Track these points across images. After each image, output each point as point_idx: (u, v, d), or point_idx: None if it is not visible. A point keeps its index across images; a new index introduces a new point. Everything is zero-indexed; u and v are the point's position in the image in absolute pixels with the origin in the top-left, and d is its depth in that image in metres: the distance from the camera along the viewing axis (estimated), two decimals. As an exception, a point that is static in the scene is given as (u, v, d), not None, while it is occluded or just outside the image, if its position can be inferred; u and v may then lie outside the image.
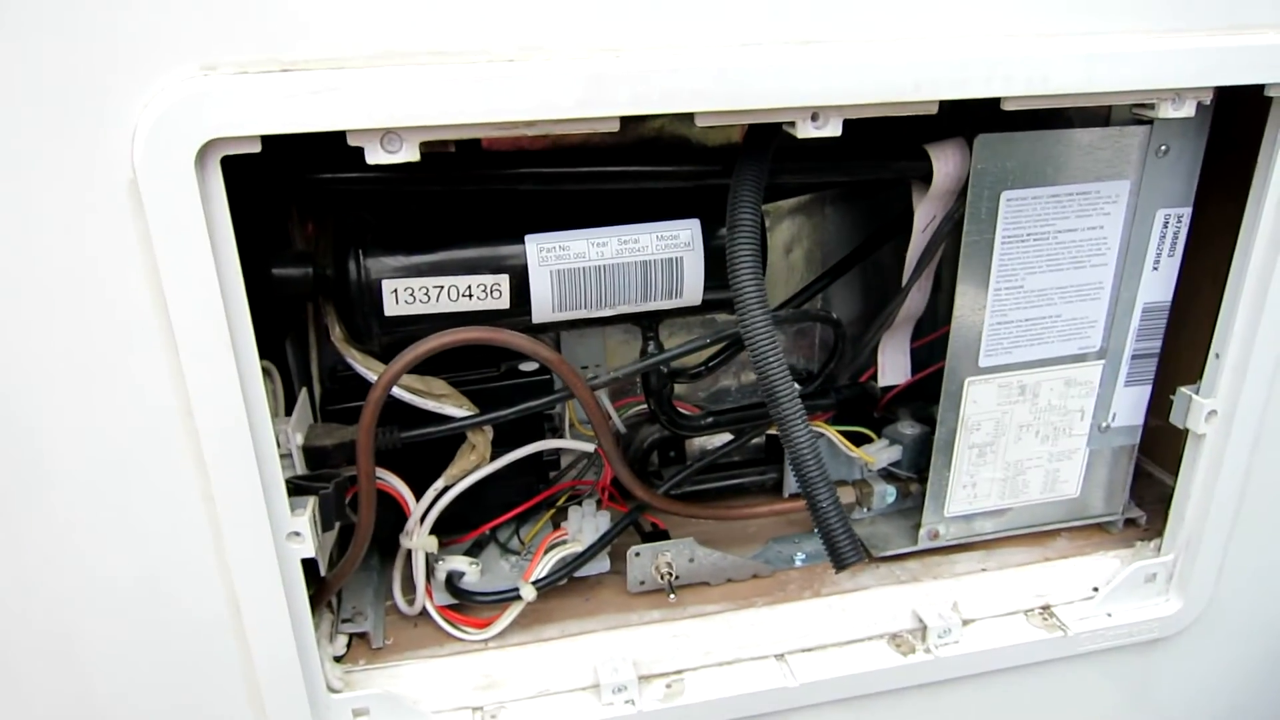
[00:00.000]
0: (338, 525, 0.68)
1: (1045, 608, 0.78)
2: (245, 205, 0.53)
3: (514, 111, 0.49)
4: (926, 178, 0.68)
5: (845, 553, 0.57)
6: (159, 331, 0.51)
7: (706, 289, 0.68)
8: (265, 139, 0.49)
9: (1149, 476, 0.88)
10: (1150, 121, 0.66)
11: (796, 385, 0.58)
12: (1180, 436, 0.75)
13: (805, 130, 0.55)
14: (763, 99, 0.52)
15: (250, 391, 0.53)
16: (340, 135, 0.49)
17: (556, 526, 0.75)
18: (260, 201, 0.65)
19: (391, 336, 0.64)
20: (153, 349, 0.52)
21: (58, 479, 0.54)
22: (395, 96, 0.48)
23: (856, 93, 0.53)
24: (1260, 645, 0.87)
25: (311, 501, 0.58)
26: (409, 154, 0.50)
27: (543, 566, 0.70)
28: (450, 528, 0.73)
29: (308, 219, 0.69)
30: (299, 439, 0.62)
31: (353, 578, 0.74)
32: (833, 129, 0.55)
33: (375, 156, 0.50)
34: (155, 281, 0.50)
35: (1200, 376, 0.72)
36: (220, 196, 0.49)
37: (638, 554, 0.73)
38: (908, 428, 0.81)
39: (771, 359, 0.56)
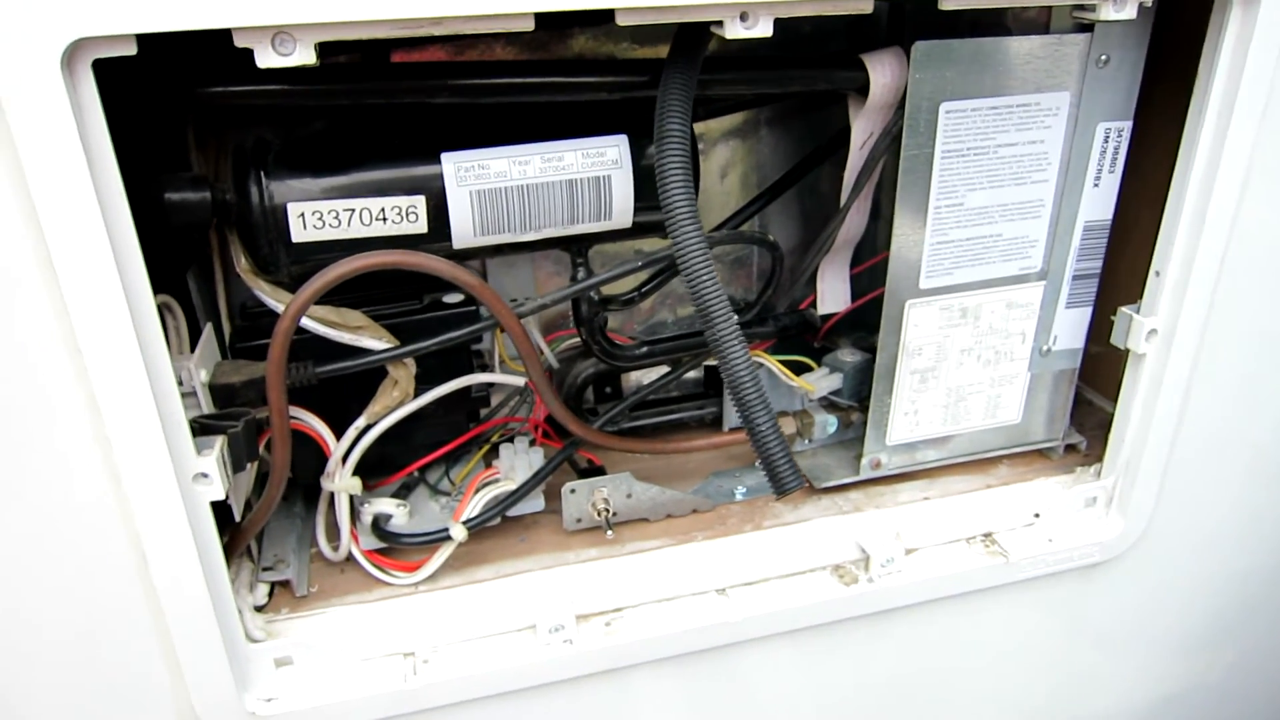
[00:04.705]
0: (256, 470, 0.65)
1: (987, 534, 0.78)
2: (134, 123, 0.48)
3: (419, 7, 0.45)
4: (863, 90, 0.65)
5: (786, 479, 0.55)
6: (36, 262, 0.47)
7: (637, 210, 0.64)
8: (142, 40, 0.44)
9: (1089, 404, 0.88)
10: (1091, 28, 0.64)
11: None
12: (1119, 362, 0.74)
13: (734, 30, 0.51)
14: (688, -7, 0.48)
15: (143, 324, 0.49)
16: (228, 36, 0.45)
17: (489, 466, 0.72)
18: (152, 120, 0.61)
19: (301, 266, 0.60)
20: (31, 281, 0.47)
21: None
22: (285, -12, 0.44)
23: (788, -12, 0.50)
24: (1198, 566, 0.87)
25: (219, 441, 0.55)
26: (304, 56, 0.46)
27: (473, 506, 0.67)
28: (377, 469, 0.70)
29: (209, 141, 0.64)
30: (203, 376, 0.58)
31: (275, 525, 0.71)
32: (763, 29, 0.52)
33: (266, 59, 0.46)
34: (28, 204, 0.45)
35: (1139, 297, 0.71)
36: (94, 106, 0.45)
37: (573, 490, 0.70)
38: (848, 355, 0.79)
39: (705, 277, 0.53)
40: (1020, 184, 0.69)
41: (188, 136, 0.64)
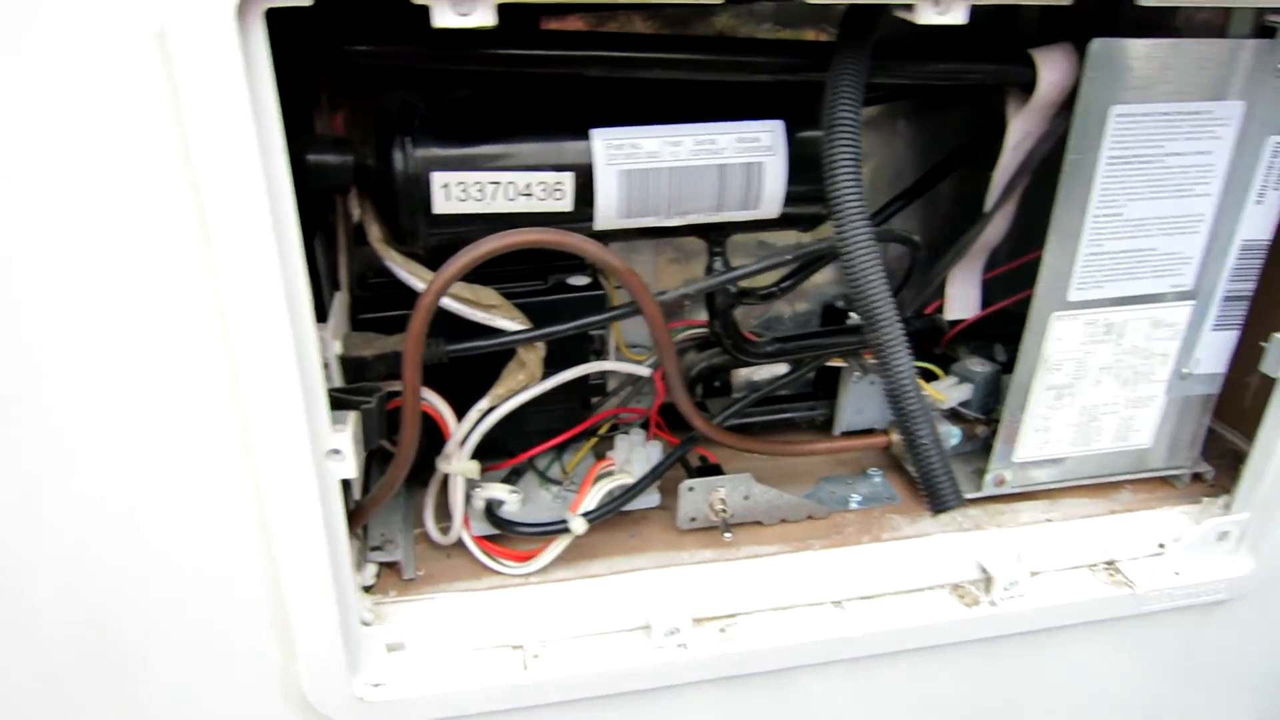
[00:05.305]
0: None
1: (1110, 562, 0.74)
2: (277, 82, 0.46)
3: (609, -29, 0.43)
4: (1027, 87, 0.62)
5: (946, 495, 0.52)
6: (191, 215, 0.45)
7: (785, 200, 0.61)
8: (319, -9, 0.42)
9: (1210, 431, 0.83)
10: (1272, 34, 0.60)
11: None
12: (1246, 390, 0.70)
13: (926, 15, 0.48)
14: (888, -30, 0.45)
15: (294, 289, 0.47)
16: (403, -7, 0.43)
17: (600, 457, 0.70)
18: (292, 79, 0.58)
19: (439, 238, 0.57)
20: (183, 235, 0.45)
21: (67, 378, 0.48)
22: (474, -57, 0.41)
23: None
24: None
25: (353, 417, 0.53)
26: (483, 17, 0.44)
27: (591, 498, 0.65)
28: (485, 454, 0.68)
29: (339, 106, 0.62)
30: (337, 348, 0.56)
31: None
32: (956, 15, 0.49)
33: (444, 19, 0.44)
34: (187, 156, 0.43)
35: (1284, 325, 0.67)
36: (264, 58, 0.43)
37: (691, 489, 0.67)
38: (978, 365, 0.76)
39: (873, 277, 0.50)
40: (1182, 196, 0.65)
41: (320, 97, 0.62)
